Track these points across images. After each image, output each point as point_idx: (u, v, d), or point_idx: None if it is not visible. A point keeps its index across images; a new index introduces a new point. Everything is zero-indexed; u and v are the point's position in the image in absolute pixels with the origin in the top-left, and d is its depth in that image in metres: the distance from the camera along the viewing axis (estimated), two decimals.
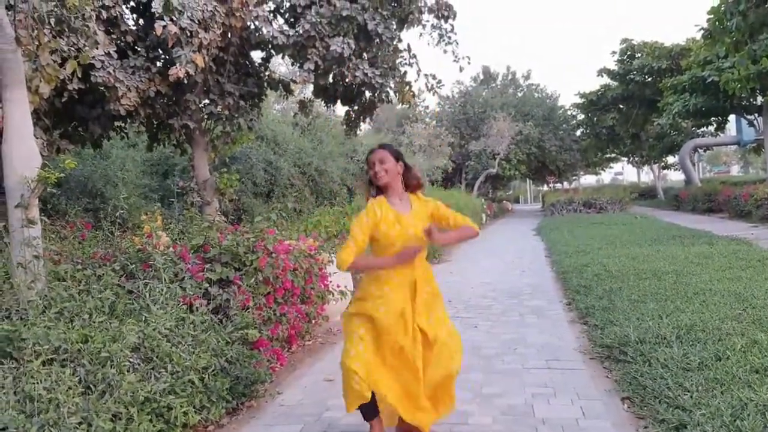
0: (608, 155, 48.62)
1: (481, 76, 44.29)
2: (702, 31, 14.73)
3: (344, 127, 11.16)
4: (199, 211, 8.71)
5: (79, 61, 5.08)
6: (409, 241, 3.44)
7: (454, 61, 10.13)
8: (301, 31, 8.31)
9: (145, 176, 13.70)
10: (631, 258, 9.92)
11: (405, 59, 10.06)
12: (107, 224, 6.02)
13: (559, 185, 54.42)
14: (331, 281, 6.59)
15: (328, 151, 17.08)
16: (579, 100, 39.28)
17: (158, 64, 8.78)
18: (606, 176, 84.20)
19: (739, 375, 3.85)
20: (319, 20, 8.18)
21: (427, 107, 40.23)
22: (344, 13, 8.24)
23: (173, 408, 3.51)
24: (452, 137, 34.62)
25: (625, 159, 50.02)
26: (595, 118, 39.91)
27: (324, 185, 15.86)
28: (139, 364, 3.68)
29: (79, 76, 6.24)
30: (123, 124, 10.10)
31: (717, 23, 14.23)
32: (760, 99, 25.01)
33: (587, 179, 75.40)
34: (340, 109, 29.44)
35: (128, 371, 3.52)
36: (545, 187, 57.93)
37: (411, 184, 3.62)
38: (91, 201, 11.66)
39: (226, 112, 9.33)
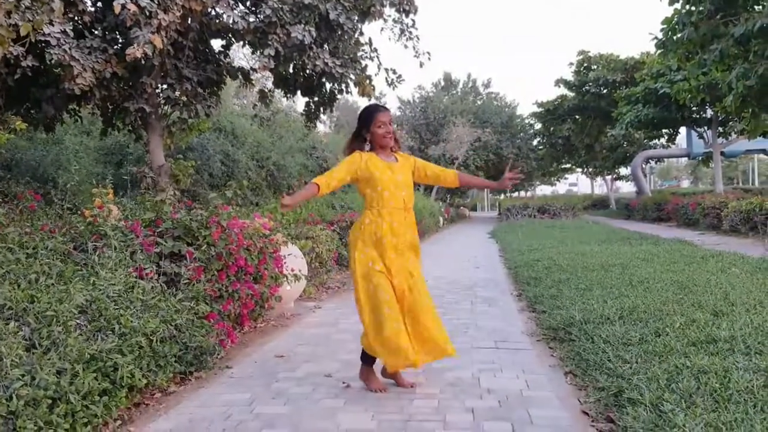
0: (564, 165, 49.53)
1: (442, 83, 44.73)
2: (655, 41, 15.12)
3: (303, 117, 11.17)
4: None
5: (34, 26, 4.99)
6: (398, 186, 4.01)
7: (415, 56, 10.27)
8: (261, 17, 8.32)
9: (98, 164, 13.46)
10: (580, 254, 10.16)
11: (366, 53, 10.15)
12: (58, 200, 5.95)
13: (515, 194, 55.24)
14: (285, 263, 6.59)
15: (288, 147, 17.03)
16: (537, 109, 39.94)
17: (116, 46, 8.68)
18: (561, 187, 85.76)
19: (677, 348, 3.99)
20: (280, 6, 8.20)
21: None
22: (306, 1, 8.28)
23: (119, 368, 3.48)
24: (412, 141, 34.87)
25: (580, 170, 50.97)
26: (551, 128, 40.62)
27: (282, 180, 15.81)
28: (85, 325, 3.64)
29: (33, 41, 6.10)
30: (77, 107, 9.94)
31: (669, 33, 14.69)
32: (709, 112, 25.82)
33: (543, 189, 76.67)
34: (301, 106, 29.42)
35: (74, 330, 3.49)
36: (502, 196, 58.73)
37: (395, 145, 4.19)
38: (42, 186, 11.41)
39: (184, 98, 9.25)
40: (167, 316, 4.18)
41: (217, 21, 9.14)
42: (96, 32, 8.66)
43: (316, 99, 10.63)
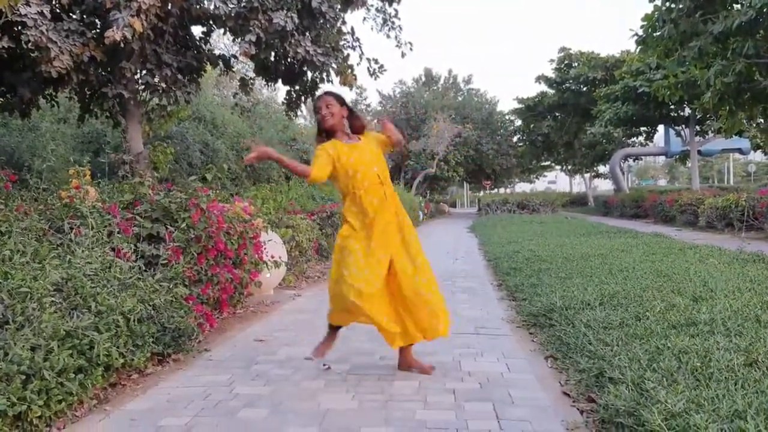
0: (543, 163, 49.81)
1: (423, 78, 44.70)
2: (635, 37, 15.23)
3: (285, 107, 11.07)
4: None
5: (10, 2, 4.87)
6: (368, 163, 3.90)
7: (397, 46, 10.22)
8: (243, 3, 8.22)
9: (75, 152, 13.22)
10: (560, 246, 10.20)
11: (348, 42, 10.07)
12: (33, 182, 5.83)
13: (495, 191, 55.54)
14: (266, 249, 6.52)
15: (268, 138, 16.88)
16: (517, 105, 40.08)
17: (94, 30, 8.53)
18: (540, 185, 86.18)
19: (658, 330, 4.01)
20: None
21: (368, 105, 40.44)
22: None
23: (95, 345, 3.41)
24: None
25: (559, 167, 51.31)
26: (531, 125, 40.82)
27: (262, 171, 15.68)
28: (61, 303, 3.57)
29: (9, 18, 5.96)
30: (54, 92, 9.76)
31: (650, 30, 14.81)
32: (687, 110, 26.10)
33: (522, 187, 77.04)
34: (281, 97, 29.23)
35: (49, 307, 3.41)
36: (481, 193, 58.99)
37: (356, 126, 4.07)
38: (17, 173, 11.18)
39: (163, 84, 9.10)
40: (145, 295, 4.11)
41: (198, 6, 9.01)
42: (74, 16, 8.50)
43: (297, 88, 10.52)
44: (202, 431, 3.12)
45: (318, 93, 4.33)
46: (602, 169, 47.06)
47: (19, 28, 7.50)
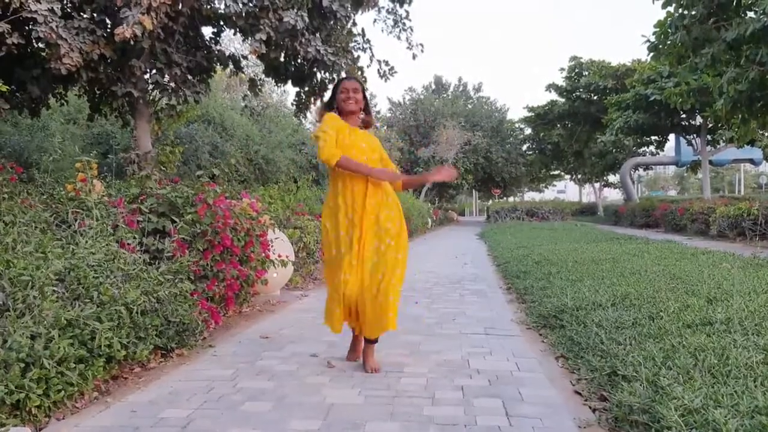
0: (553, 171, 49.62)
1: (433, 86, 44.72)
2: (648, 43, 15.11)
3: (294, 109, 11.04)
4: None
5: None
6: (361, 152, 3.88)
7: (408, 48, 10.17)
8: (254, 2, 8.19)
9: (84, 153, 13.24)
10: (570, 251, 10.10)
11: (359, 43, 10.04)
12: (40, 177, 5.81)
13: (504, 199, 55.38)
14: (273, 247, 6.45)
15: (277, 141, 16.86)
16: (527, 114, 39.95)
17: (104, 29, 8.53)
18: (549, 194, 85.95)
19: (672, 330, 3.91)
20: None
21: (378, 112, 40.45)
22: None
23: (97, 336, 3.34)
24: (402, 142, 34.81)
25: (569, 176, 51.08)
26: (541, 133, 40.69)
27: (271, 174, 15.65)
28: (63, 292, 3.51)
29: (19, 9, 5.94)
30: (63, 90, 9.76)
31: (662, 37, 14.70)
32: (699, 119, 25.92)
33: (531, 195, 76.81)
34: (291, 100, 29.16)
35: (50, 295, 3.35)
36: (490, 201, 58.88)
37: (365, 121, 4.15)
38: (25, 171, 11.19)
39: (173, 84, 9.08)
40: (149, 287, 4.04)
41: (209, 6, 9.00)
42: (85, 14, 8.51)
43: (306, 89, 10.49)
44: (203, 423, 3.04)
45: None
46: (612, 178, 46.82)
47: (30, 25, 7.50)
